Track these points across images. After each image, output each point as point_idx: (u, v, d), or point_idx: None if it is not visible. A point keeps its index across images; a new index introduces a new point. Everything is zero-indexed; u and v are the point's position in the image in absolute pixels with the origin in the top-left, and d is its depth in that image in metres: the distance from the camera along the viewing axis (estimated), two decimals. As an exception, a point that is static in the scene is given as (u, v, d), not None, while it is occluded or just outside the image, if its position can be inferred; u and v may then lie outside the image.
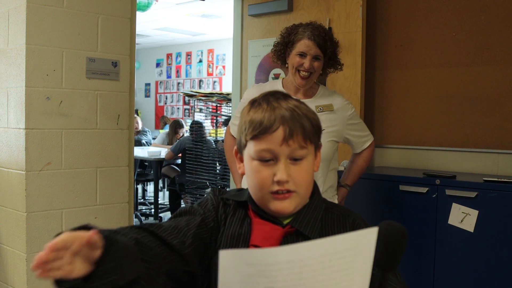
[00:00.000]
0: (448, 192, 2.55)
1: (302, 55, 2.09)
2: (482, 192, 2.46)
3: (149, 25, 9.22)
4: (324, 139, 2.08)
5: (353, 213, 1.11)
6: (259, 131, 1.00)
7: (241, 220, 1.07)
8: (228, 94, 4.46)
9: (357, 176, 2.35)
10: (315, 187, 1.10)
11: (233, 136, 2.30)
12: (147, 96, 12.43)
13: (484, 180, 2.53)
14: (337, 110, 2.17)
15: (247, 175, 1.05)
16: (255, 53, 3.67)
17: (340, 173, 2.40)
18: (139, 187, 7.07)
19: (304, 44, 2.08)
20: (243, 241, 1.04)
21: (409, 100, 3.18)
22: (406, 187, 2.70)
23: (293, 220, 1.04)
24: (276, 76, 3.56)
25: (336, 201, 2.21)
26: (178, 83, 11.75)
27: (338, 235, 0.68)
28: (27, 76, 2.24)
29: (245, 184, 2.17)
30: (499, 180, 2.50)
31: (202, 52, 11.17)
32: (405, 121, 3.19)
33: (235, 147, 1.10)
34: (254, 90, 2.21)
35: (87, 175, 2.42)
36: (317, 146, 1.07)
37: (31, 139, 2.25)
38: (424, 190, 2.63)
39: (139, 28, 8.95)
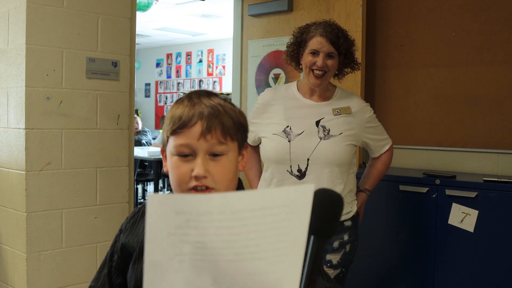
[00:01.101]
0: (448, 192, 2.55)
1: (315, 53, 2.00)
2: (482, 192, 2.46)
3: (149, 25, 9.22)
4: (342, 142, 2.04)
5: None
6: (177, 126, 1.00)
7: None
8: (228, 94, 4.46)
9: (377, 181, 2.25)
10: (240, 185, 1.10)
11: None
12: (147, 96, 12.43)
13: (484, 180, 2.53)
14: (355, 113, 2.08)
15: (169, 173, 1.05)
16: (255, 53, 3.67)
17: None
18: (139, 187, 7.07)
19: (316, 41, 2.00)
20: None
21: (409, 100, 3.18)
22: (406, 187, 2.70)
23: None
24: (276, 76, 3.56)
25: (355, 207, 2.12)
26: (178, 83, 11.76)
27: (274, 189, 0.65)
28: (27, 76, 2.24)
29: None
30: (499, 180, 2.50)
31: (202, 52, 11.17)
32: (405, 121, 3.19)
33: (161, 146, 1.10)
34: (268, 94, 2.15)
35: (87, 175, 2.42)
36: (242, 145, 1.07)
37: (31, 139, 2.25)
38: (424, 190, 2.63)
39: (139, 28, 8.95)
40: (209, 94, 1.06)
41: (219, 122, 1.00)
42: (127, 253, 1.12)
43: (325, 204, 0.78)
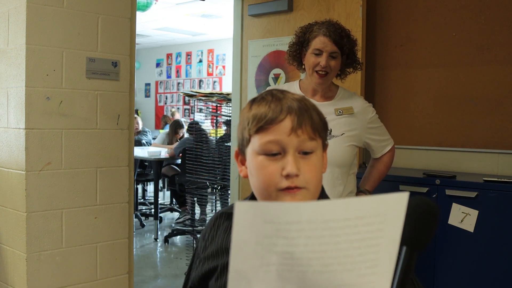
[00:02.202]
0: (448, 192, 2.55)
1: (318, 53, 2.00)
2: (482, 192, 2.46)
3: (149, 25, 9.22)
4: (344, 143, 2.03)
5: None
6: (264, 122, 0.93)
7: (230, 228, 1.00)
8: (228, 94, 4.46)
9: (377, 182, 2.24)
10: (322, 188, 1.03)
11: None
12: (147, 96, 12.43)
13: (484, 180, 2.53)
14: (357, 113, 2.07)
15: (251, 174, 0.96)
16: (255, 53, 3.67)
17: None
18: (139, 187, 7.07)
19: (319, 41, 1.99)
20: (226, 253, 0.98)
21: (409, 100, 3.18)
22: (406, 187, 2.70)
23: None
24: (276, 76, 3.56)
25: None
26: (178, 83, 11.75)
27: (367, 197, 0.61)
28: (27, 76, 2.24)
29: None
30: (499, 180, 2.50)
31: (202, 52, 11.17)
32: (405, 121, 3.19)
33: (236, 149, 1.02)
34: None
35: (87, 175, 2.42)
36: (325, 145, 1.01)
37: (31, 139, 2.25)
38: (424, 190, 2.63)
39: (139, 28, 8.95)
40: (288, 92, 1.00)
41: (308, 117, 0.94)
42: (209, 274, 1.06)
43: (420, 213, 0.71)
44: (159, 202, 5.88)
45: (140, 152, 6.08)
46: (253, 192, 1.01)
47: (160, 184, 7.43)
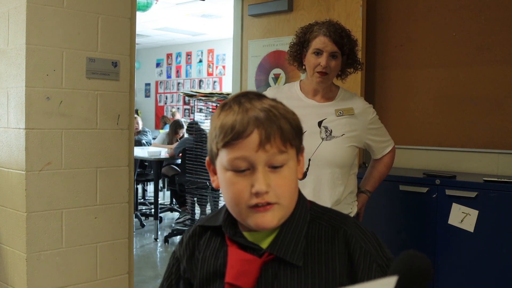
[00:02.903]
0: (448, 192, 2.55)
1: (318, 52, 1.99)
2: (482, 192, 2.46)
3: (149, 25, 9.22)
4: (344, 144, 2.03)
5: (345, 221, 0.96)
6: (231, 137, 0.87)
7: (216, 250, 0.98)
8: (228, 94, 4.46)
9: (378, 182, 2.24)
10: (299, 194, 0.98)
11: None
12: (147, 96, 12.43)
13: (484, 180, 2.53)
14: (358, 114, 2.06)
15: (222, 189, 0.93)
16: (255, 53, 3.67)
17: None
18: (139, 187, 7.07)
19: (319, 41, 1.99)
20: (219, 277, 0.95)
21: (409, 100, 3.18)
22: (406, 187, 2.70)
23: (272, 245, 0.92)
24: (276, 76, 3.56)
25: (355, 208, 2.12)
26: (178, 83, 11.76)
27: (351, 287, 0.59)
28: (27, 76, 2.24)
29: None
30: (499, 180, 2.50)
31: (202, 52, 11.17)
32: (405, 121, 3.19)
33: (207, 158, 0.98)
34: (270, 93, 2.12)
35: (87, 175, 2.42)
36: (299, 150, 0.96)
37: (31, 139, 2.25)
38: (424, 190, 2.63)
39: (139, 28, 8.95)
40: (259, 96, 0.93)
41: (277, 128, 0.88)
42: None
43: (410, 274, 0.67)
44: (159, 202, 5.88)
45: (140, 152, 6.08)
46: None
47: (160, 184, 7.43)
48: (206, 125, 5.24)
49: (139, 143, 6.91)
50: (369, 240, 0.95)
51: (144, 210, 6.69)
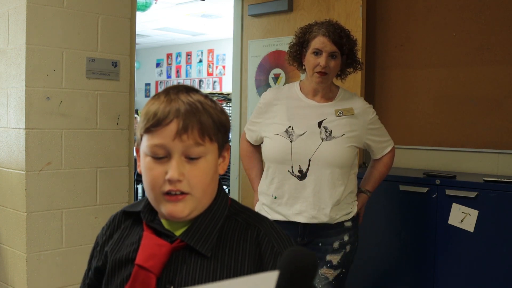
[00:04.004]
0: (448, 192, 2.55)
1: (318, 52, 2.00)
2: (482, 192, 2.46)
3: (149, 25, 9.22)
4: (344, 144, 2.03)
5: (261, 222, 0.99)
6: (151, 124, 0.91)
7: (133, 236, 1.01)
8: (228, 94, 4.46)
9: (378, 182, 2.24)
10: (220, 189, 1.01)
11: (248, 141, 2.22)
12: (147, 96, 12.43)
13: (484, 180, 2.53)
14: (357, 115, 2.06)
15: (142, 174, 0.96)
16: (255, 53, 3.67)
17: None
18: (139, 187, 7.07)
19: (319, 41, 1.99)
20: (131, 262, 0.97)
21: (409, 100, 3.18)
22: (406, 187, 2.70)
23: (185, 233, 0.95)
24: (276, 76, 3.56)
25: (355, 208, 2.12)
26: (178, 83, 11.75)
27: (233, 280, 0.59)
28: (27, 76, 2.24)
29: (263, 190, 2.14)
30: (499, 180, 2.50)
31: (202, 52, 11.17)
32: (405, 121, 3.19)
33: (135, 144, 1.01)
34: (271, 93, 2.13)
35: (87, 175, 2.42)
36: (223, 146, 0.98)
37: (31, 139, 2.25)
38: (424, 190, 2.63)
39: (139, 28, 8.95)
40: (189, 89, 0.97)
41: (196, 121, 0.91)
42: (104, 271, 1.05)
43: (293, 272, 0.64)
44: (159, 202, 5.87)
45: (140, 152, 6.07)
46: None
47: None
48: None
49: (139, 143, 6.91)
50: (282, 242, 0.98)
51: (144, 210, 6.68)
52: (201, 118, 0.92)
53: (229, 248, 0.96)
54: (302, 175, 2.01)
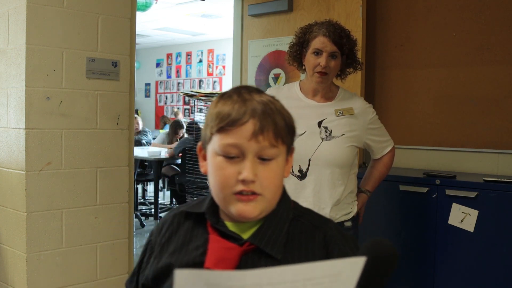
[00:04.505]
0: (448, 192, 2.55)
1: (318, 52, 1.99)
2: (482, 192, 2.46)
3: (149, 25, 9.22)
4: (344, 144, 2.03)
5: (325, 223, 0.99)
6: (226, 123, 0.90)
7: (198, 238, 0.99)
8: (228, 94, 4.46)
9: (378, 182, 2.23)
10: (284, 192, 1.00)
11: None
12: (147, 96, 12.43)
13: (484, 180, 2.53)
14: (357, 114, 2.06)
15: (210, 173, 0.96)
16: (255, 53, 3.67)
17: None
18: (139, 187, 7.07)
19: (319, 41, 1.99)
20: (199, 266, 0.95)
21: (409, 100, 3.18)
22: (406, 187, 2.70)
23: (253, 236, 0.94)
24: (276, 76, 3.56)
25: (355, 208, 2.12)
26: (178, 83, 11.76)
27: (318, 262, 0.60)
28: (27, 76, 2.24)
29: None
30: (499, 180, 2.50)
31: (202, 52, 11.17)
32: (405, 121, 3.19)
33: (199, 143, 1.00)
34: (270, 93, 2.10)
35: (87, 175, 2.42)
36: (289, 149, 0.97)
37: (31, 139, 2.25)
38: (424, 190, 2.63)
39: (139, 28, 8.95)
40: (258, 90, 0.96)
41: (271, 122, 0.90)
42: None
43: (376, 261, 0.69)
44: (159, 202, 5.87)
45: (140, 152, 6.08)
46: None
47: (160, 184, 7.42)
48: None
49: (139, 143, 6.92)
50: (347, 243, 0.97)
51: (144, 210, 6.69)
52: (276, 119, 0.91)
53: (297, 250, 0.95)
54: (302, 175, 2.01)
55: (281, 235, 0.95)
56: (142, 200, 7.26)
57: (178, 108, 11.20)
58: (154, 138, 7.60)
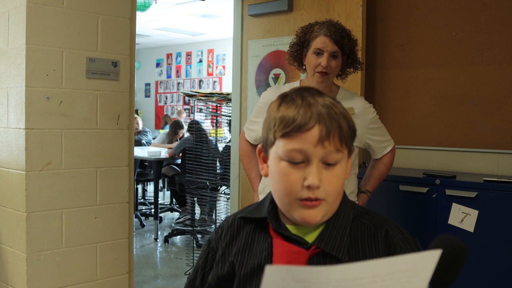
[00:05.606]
0: (448, 192, 2.55)
1: (319, 52, 1.99)
2: (482, 192, 2.46)
3: (149, 25, 9.22)
4: None
5: (386, 222, 0.99)
6: (291, 129, 0.88)
7: (260, 243, 0.99)
8: (228, 94, 4.46)
9: (378, 182, 2.23)
10: (343, 193, 0.99)
11: (248, 141, 2.21)
12: (147, 96, 12.43)
13: (484, 180, 2.53)
14: (358, 114, 2.06)
15: (272, 177, 0.94)
16: (255, 53, 3.67)
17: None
18: (139, 187, 7.07)
19: (320, 41, 1.99)
20: (264, 267, 0.96)
21: (409, 100, 3.18)
22: (406, 187, 2.70)
23: (318, 240, 0.94)
24: (276, 76, 3.56)
25: None
26: (178, 83, 11.76)
27: (398, 257, 0.62)
28: (27, 76, 2.24)
29: (263, 190, 2.13)
30: (499, 180, 2.50)
31: (202, 52, 11.17)
32: (405, 121, 3.19)
33: (259, 145, 0.99)
34: (271, 93, 2.12)
35: (87, 175, 2.42)
36: (350, 151, 0.97)
37: (31, 139, 2.25)
38: (424, 190, 2.63)
39: (139, 28, 8.96)
40: (320, 92, 0.94)
41: (337, 126, 0.89)
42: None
43: (449, 257, 0.71)
44: (159, 202, 5.88)
45: (140, 152, 6.08)
46: (271, 193, 0.99)
47: (160, 184, 7.42)
48: (206, 125, 5.23)
49: (139, 143, 6.92)
50: (408, 242, 0.97)
51: (144, 210, 6.69)
52: (341, 123, 0.90)
53: (362, 250, 0.95)
54: None
55: (345, 237, 0.95)
56: (142, 200, 7.26)
57: (181, 108, 11.21)
58: (154, 138, 7.59)
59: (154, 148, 6.49)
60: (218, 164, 4.89)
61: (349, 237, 0.95)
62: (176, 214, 6.63)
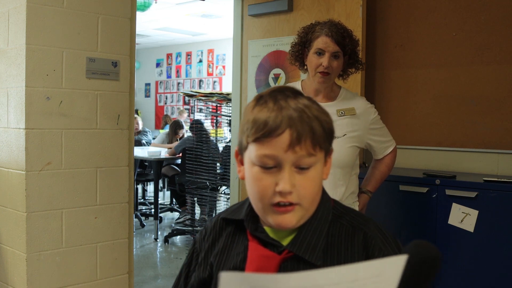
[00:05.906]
0: (448, 192, 2.55)
1: (320, 53, 1.99)
2: (482, 192, 2.46)
3: (149, 25, 9.22)
4: (346, 144, 2.02)
5: (365, 223, 0.97)
6: (262, 134, 0.87)
7: (238, 245, 0.99)
8: (228, 94, 4.46)
9: (379, 182, 2.23)
10: (323, 193, 0.98)
11: None
12: (147, 96, 12.44)
13: (484, 180, 2.53)
14: (359, 114, 2.06)
15: (247, 182, 0.94)
16: (255, 53, 3.67)
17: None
18: (139, 187, 7.07)
19: (321, 41, 1.98)
20: (239, 270, 0.95)
21: (409, 100, 3.18)
22: (406, 187, 2.70)
23: (292, 243, 0.92)
24: (276, 76, 3.56)
25: (356, 208, 2.11)
26: (178, 83, 11.76)
27: (361, 263, 0.61)
28: (27, 76, 2.24)
29: None
30: (499, 180, 2.50)
31: (202, 52, 11.17)
32: (405, 121, 3.19)
33: (236, 148, 0.98)
34: None
35: (87, 175, 2.42)
36: (328, 152, 0.95)
37: (31, 139, 2.25)
38: (424, 190, 2.63)
39: (139, 28, 8.96)
40: (295, 93, 0.92)
41: (309, 130, 0.87)
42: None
43: (418, 264, 0.69)
44: (159, 202, 5.88)
45: (140, 152, 6.08)
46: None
47: (160, 184, 7.42)
48: (207, 125, 5.23)
49: (139, 143, 6.92)
50: (389, 244, 0.95)
51: (144, 210, 6.69)
52: (313, 126, 0.88)
53: (337, 254, 0.93)
54: None
55: (320, 240, 0.93)
56: (142, 200, 7.26)
57: (183, 108, 11.21)
58: (154, 138, 7.59)
59: (154, 148, 6.49)
60: (218, 164, 4.89)
61: (326, 239, 0.94)
62: (176, 214, 6.63)
